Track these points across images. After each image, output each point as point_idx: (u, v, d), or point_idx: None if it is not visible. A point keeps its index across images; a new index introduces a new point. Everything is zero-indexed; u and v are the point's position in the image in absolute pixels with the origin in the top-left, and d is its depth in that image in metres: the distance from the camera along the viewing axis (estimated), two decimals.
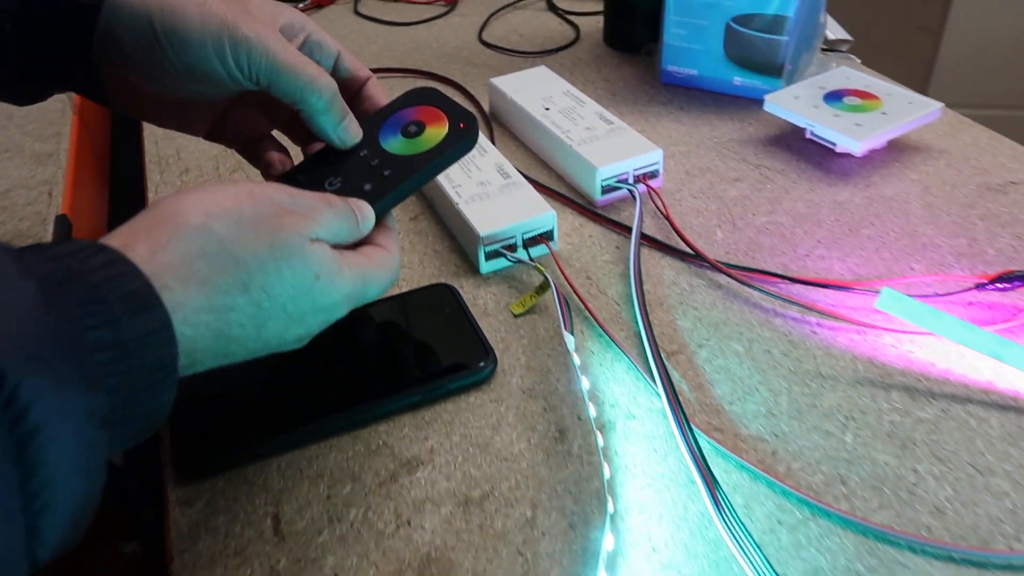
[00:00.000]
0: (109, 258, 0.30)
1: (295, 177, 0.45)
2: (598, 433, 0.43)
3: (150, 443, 0.45)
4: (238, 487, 0.42)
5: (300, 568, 0.38)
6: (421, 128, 0.46)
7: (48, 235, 0.59)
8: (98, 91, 0.43)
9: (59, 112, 0.74)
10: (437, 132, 0.46)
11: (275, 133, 0.50)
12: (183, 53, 0.40)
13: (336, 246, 0.39)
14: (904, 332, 0.49)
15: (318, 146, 0.47)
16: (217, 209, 0.34)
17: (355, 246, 0.41)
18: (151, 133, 0.76)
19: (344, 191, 0.43)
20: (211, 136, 0.48)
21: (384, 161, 0.45)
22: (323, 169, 0.45)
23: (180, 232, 0.33)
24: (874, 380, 0.46)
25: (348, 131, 0.45)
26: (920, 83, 1.55)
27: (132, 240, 0.32)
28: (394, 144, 0.45)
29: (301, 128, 0.48)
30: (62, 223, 0.61)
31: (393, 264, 0.41)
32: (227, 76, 0.41)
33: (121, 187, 0.89)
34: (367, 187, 0.43)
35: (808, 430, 0.43)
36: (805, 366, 0.47)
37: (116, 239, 0.32)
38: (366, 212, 0.41)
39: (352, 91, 0.48)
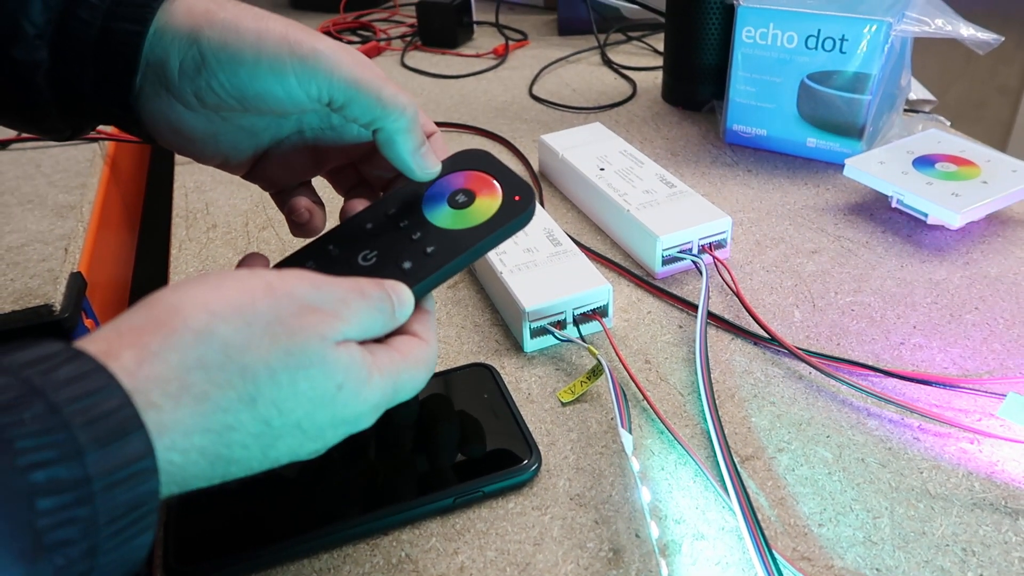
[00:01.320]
0: (80, 370, 0.24)
1: (325, 247, 0.39)
2: (661, 559, 0.36)
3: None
4: None
5: None
6: (471, 198, 0.40)
7: (59, 294, 0.55)
8: (139, 128, 0.38)
9: (88, 162, 0.71)
10: (489, 204, 0.39)
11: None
12: (234, 74, 0.35)
13: (364, 341, 0.33)
14: None
15: (359, 205, 0.41)
16: (225, 308, 0.28)
17: (386, 336, 0.35)
18: (181, 185, 0.72)
19: (380, 268, 0.37)
20: (249, 176, 0.43)
21: (427, 235, 0.38)
22: (358, 240, 0.39)
23: (177, 337, 0.27)
24: (996, 503, 0.38)
25: (427, 159, 0.39)
26: (998, 145, 1.47)
27: (117, 346, 0.26)
28: (440, 216, 0.39)
29: (348, 174, 0.44)
30: (75, 281, 0.57)
31: (430, 358, 0.35)
32: (286, 98, 0.36)
33: (150, 239, 0.85)
34: (406, 265, 0.37)
35: (919, 565, 0.36)
36: (909, 481, 0.40)
37: (98, 342, 0.26)
38: (404, 298, 0.35)
39: None
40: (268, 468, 0.30)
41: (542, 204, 0.66)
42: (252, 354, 0.28)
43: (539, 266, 0.51)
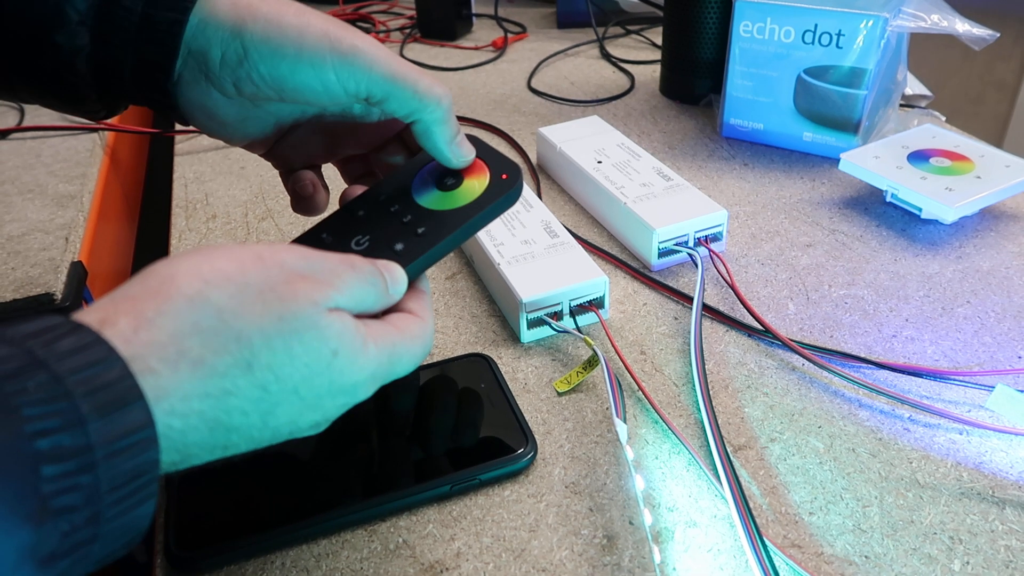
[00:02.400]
0: (82, 342, 0.25)
1: (318, 236, 0.39)
2: (654, 546, 0.36)
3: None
4: None
5: None
6: (459, 180, 0.41)
7: (60, 283, 0.55)
8: (174, 111, 0.39)
9: (88, 152, 0.71)
10: (477, 184, 0.40)
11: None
12: (275, 67, 0.36)
13: (360, 315, 0.33)
14: (1017, 433, 0.41)
15: (359, 190, 0.42)
16: (217, 276, 0.29)
17: (383, 314, 0.35)
18: (181, 176, 0.73)
19: (372, 251, 0.38)
20: (267, 155, 0.44)
21: (418, 217, 0.39)
22: (350, 226, 0.40)
23: (171, 303, 0.27)
24: (983, 493, 0.39)
25: (463, 147, 0.41)
26: (995, 140, 1.48)
27: (113, 314, 0.26)
28: (429, 198, 0.40)
29: (357, 163, 0.45)
30: (76, 270, 0.57)
31: (426, 334, 0.36)
32: (323, 91, 0.37)
33: (149, 230, 0.86)
34: (398, 246, 0.38)
35: (907, 553, 0.36)
36: (898, 471, 0.40)
37: (95, 313, 0.27)
38: (396, 275, 0.35)
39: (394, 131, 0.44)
40: (270, 440, 0.30)
41: (539, 197, 0.67)
42: (246, 319, 0.28)
43: (536, 258, 0.52)
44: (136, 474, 0.24)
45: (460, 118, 0.82)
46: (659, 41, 0.97)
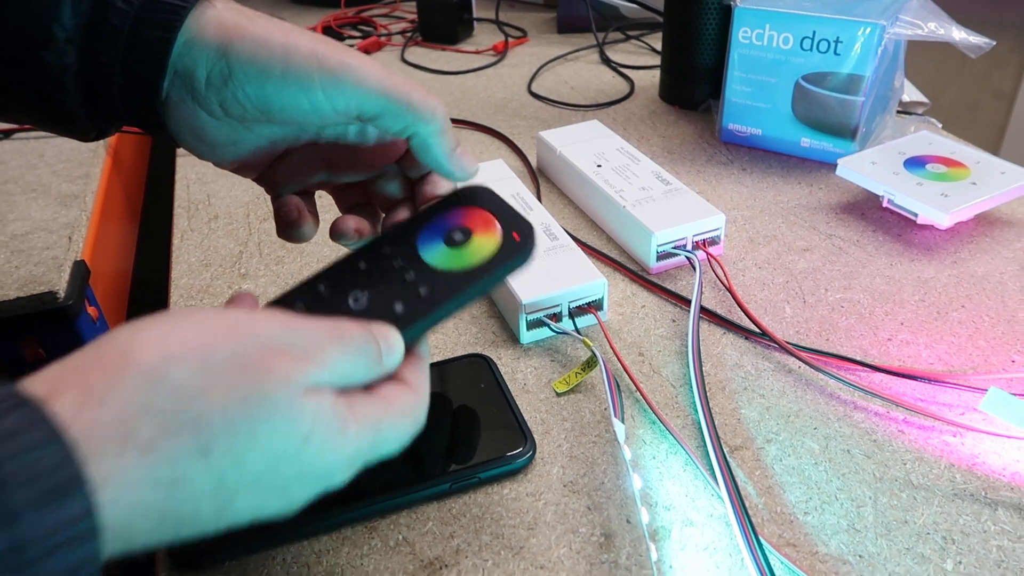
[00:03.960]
0: (23, 421, 0.22)
1: (315, 286, 0.37)
2: (650, 544, 0.37)
3: None
4: None
5: None
6: (468, 236, 0.38)
7: (63, 282, 0.56)
8: (163, 131, 0.39)
9: (91, 152, 0.72)
10: (487, 243, 0.38)
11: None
12: (261, 87, 0.35)
13: (345, 389, 0.30)
14: (1009, 437, 0.42)
15: (351, 221, 0.40)
16: (180, 348, 0.26)
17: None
18: (183, 177, 0.73)
19: (370, 311, 0.35)
20: (260, 179, 0.43)
21: (421, 275, 0.36)
22: (349, 279, 0.37)
23: (124, 378, 0.25)
24: (976, 494, 0.39)
25: (465, 160, 0.39)
26: (992, 148, 1.48)
27: (62, 386, 0.24)
28: (435, 255, 0.37)
29: (353, 192, 0.44)
30: (79, 269, 0.58)
31: (418, 409, 0.33)
32: (311, 111, 0.36)
33: (152, 230, 0.86)
34: (398, 308, 0.35)
35: (900, 552, 0.37)
36: (893, 472, 0.41)
37: (43, 383, 0.25)
38: (393, 343, 0.32)
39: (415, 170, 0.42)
40: (228, 526, 0.28)
41: (539, 200, 0.67)
42: (207, 400, 0.26)
43: (536, 260, 0.52)
44: (72, 571, 0.22)
45: (461, 122, 0.83)
46: (659, 47, 0.98)
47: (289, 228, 0.41)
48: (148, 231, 0.87)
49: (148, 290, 0.82)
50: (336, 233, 0.41)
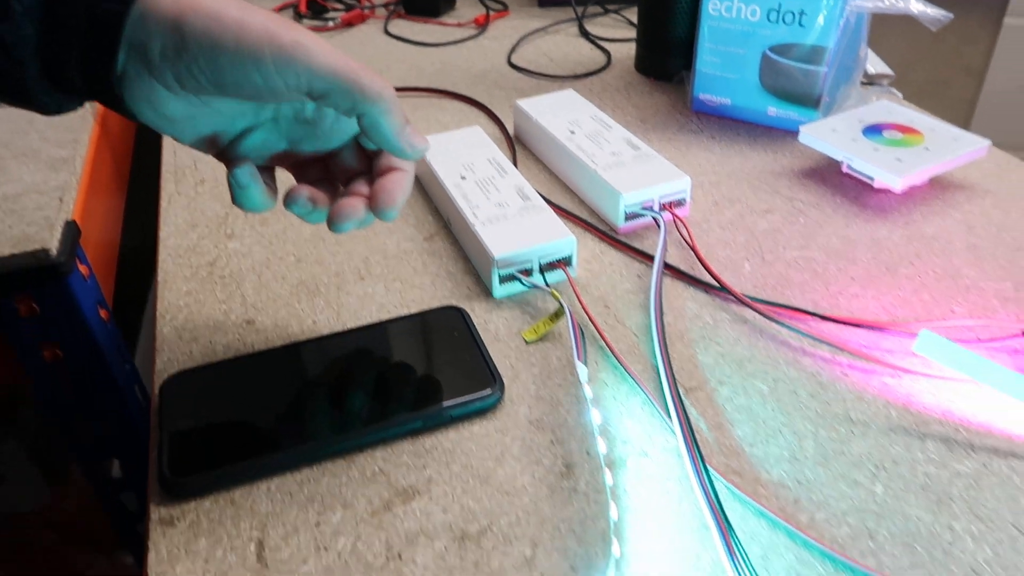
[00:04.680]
0: None
1: None
2: (607, 470, 0.40)
3: (148, 457, 0.43)
4: (224, 509, 0.40)
5: None
6: None
7: (55, 240, 0.58)
8: (122, 106, 0.39)
9: (80, 119, 0.74)
10: None
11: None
12: (214, 61, 0.36)
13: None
14: (942, 378, 0.45)
15: (304, 190, 0.42)
16: None
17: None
18: (170, 142, 0.75)
19: None
20: (220, 156, 0.44)
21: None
22: None
23: None
24: (908, 428, 0.43)
25: (415, 138, 0.41)
26: (961, 123, 1.52)
27: None
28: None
29: (312, 169, 0.45)
30: (70, 229, 0.60)
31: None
32: (264, 86, 0.37)
33: (139, 196, 0.88)
34: None
35: (835, 478, 0.40)
36: (834, 409, 0.44)
37: None
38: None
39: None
40: None
41: (515, 164, 0.70)
42: None
43: (509, 219, 0.55)
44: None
45: (442, 91, 0.85)
46: (636, 20, 1.00)
47: (242, 191, 0.42)
48: (136, 197, 0.89)
49: (137, 254, 0.85)
50: (289, 199, 0.42)
